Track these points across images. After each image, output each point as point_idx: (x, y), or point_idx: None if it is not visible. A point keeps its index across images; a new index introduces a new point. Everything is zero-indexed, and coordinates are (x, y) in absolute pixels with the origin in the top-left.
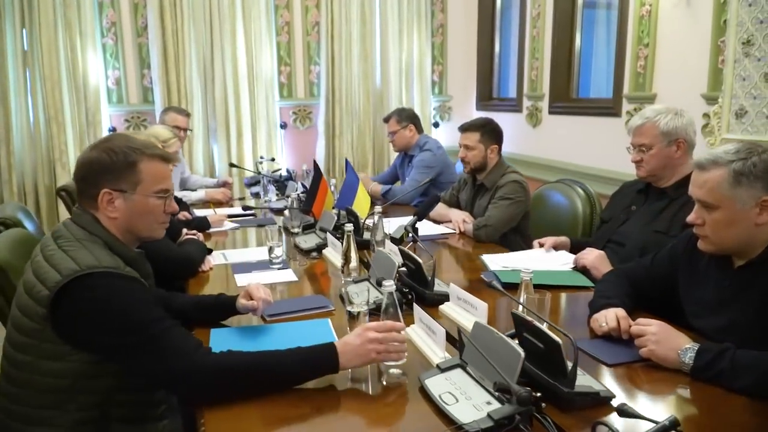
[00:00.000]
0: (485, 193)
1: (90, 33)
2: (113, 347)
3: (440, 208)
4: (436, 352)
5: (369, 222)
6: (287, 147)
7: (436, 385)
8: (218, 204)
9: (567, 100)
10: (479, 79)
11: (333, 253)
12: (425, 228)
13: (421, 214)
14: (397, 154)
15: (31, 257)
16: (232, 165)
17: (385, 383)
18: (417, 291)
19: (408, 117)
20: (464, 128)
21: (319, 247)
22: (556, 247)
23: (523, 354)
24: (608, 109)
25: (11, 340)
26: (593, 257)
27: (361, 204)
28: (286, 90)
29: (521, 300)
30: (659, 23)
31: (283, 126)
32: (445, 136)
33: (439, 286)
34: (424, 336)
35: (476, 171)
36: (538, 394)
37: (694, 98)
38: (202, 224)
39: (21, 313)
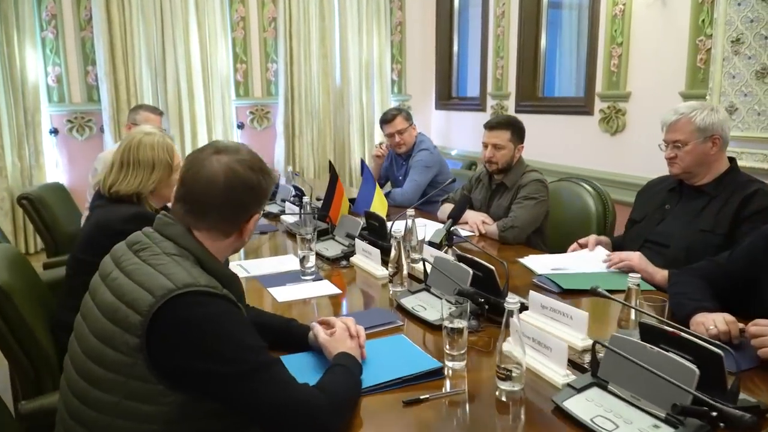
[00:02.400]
0: (505, 192)
1: (28, 26)
2: (213, 376)
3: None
4: (556, 369)
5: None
6: None
7: (579, 407)
8: None
9: (534, 98)
10: (438, 78)
11: (366, 261)
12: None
13: (456, 216)
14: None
15: (103, 273)
16: None
17: (504, 399)
18: (488, 301)
19: (410, 116)
20: (492, 126)
21: (346, 255)
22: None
23: (697, 371)
24: (580, 107)
25: (86, 374)
26: (637, 259)
27: (377, 208)
28: (243, 89)
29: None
30: (633, 22)
31: (240, 126)
32: None
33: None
34: (530, 351)
35: (502, 171)
36: (714, 413)
37: (672, 96)
38: None
39: (103, 344)
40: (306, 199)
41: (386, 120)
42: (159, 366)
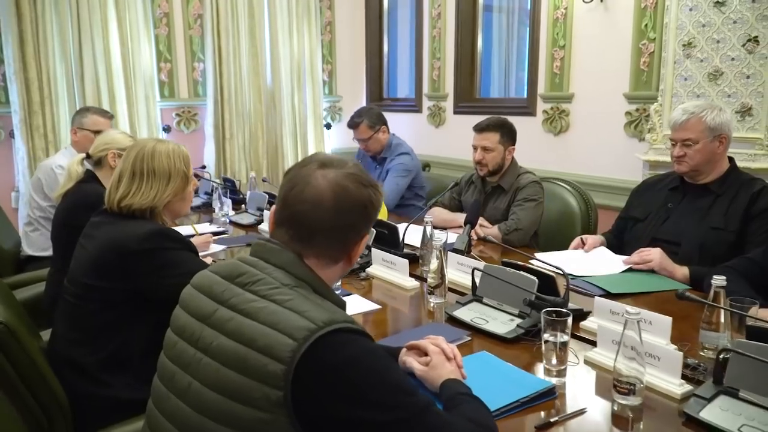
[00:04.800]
0: (501, 195)
1: None
2: (371, 426)
3: (443, 214)
4: (669, 379)
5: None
6: None
7: (719, 418)
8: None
9: (472, 99)
10: (369, 79)
11: (389, 272)
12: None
13: (472, 221)
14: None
15: (199, 313)
16: (197, 176)
17: (629, 414)
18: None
19: (378, 118)
20: (481, 128)
21: (362, 266)
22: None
23: None
24: (522, 108)
25: None
26: (659, 258)
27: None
28: (168, 89)
29: (722, 311)
30: (575, 26)
31: (167, 129)
32: (337, 137)
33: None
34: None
35: (492, 173)
36: None
37: (616, 98)
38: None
39: (228, 399)
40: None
41: (351, 126)
42: (305, 420)
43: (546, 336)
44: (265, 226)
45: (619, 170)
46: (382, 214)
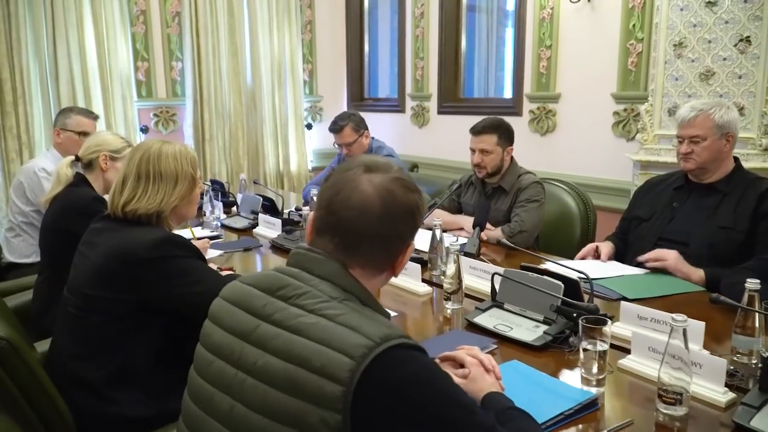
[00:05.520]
0: (502, 195)
1: None
2: None
3: (444, 216)
4: (712, 387)
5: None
6: None
7: None
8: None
9: (456, 99)
10: (350, 78)
11: (399, 277)
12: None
13: (482, 223)
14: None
15: (239, 330)
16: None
17: (677, 425)
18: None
19: (362, 121)
20: (478, 130)
21: None
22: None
23: None
24: (508, 108)
25: None
26: (674, 259)
27: None
28: (145, 89)
29: (756, 315)
30: (561, 26)
31: (144, 130)
32: (318, 138)
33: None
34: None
35: (492, 175)
36: None
37: (603, 98)
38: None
39: (281, 424)
40: (306, 210)
41: (334, 130)
42: None
43: (584, 344)
44: (260, 230)
45: (608, 170)
46: None
